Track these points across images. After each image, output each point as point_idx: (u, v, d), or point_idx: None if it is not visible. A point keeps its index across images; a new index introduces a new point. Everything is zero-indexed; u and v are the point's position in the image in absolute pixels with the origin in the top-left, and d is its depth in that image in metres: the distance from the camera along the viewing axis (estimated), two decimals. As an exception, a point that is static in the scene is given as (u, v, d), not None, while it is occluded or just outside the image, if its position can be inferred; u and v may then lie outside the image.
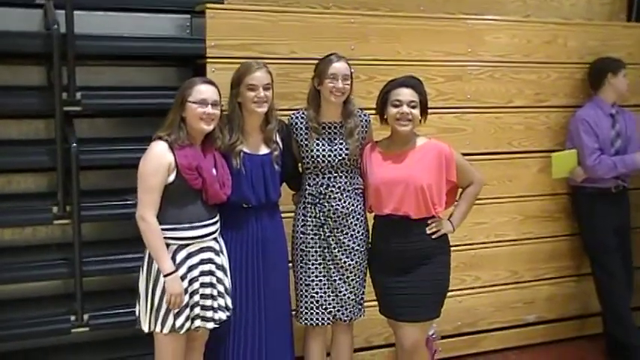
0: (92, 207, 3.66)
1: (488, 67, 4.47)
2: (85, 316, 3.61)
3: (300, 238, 3.50)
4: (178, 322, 3.04)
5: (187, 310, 3.07)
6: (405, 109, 3.30)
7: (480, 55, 4.45)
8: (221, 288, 3.18)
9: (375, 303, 3.59)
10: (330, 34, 4.02)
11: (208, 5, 3.78)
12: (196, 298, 3.09)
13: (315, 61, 3.67)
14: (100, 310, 3.67)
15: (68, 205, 3.57)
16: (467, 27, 4.41)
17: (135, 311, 3.19)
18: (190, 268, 3.07)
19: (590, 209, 4.58)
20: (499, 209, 4.52)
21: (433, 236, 3.37)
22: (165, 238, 3.02)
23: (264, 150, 3.37)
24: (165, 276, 3.00)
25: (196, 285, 3.09)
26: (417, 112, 3.33)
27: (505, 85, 4.53)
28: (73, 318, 3.59)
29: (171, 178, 3.03)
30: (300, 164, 3.57)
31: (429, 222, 3.37)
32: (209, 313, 3.13)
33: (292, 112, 3.63)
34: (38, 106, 3.67)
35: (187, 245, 3.07)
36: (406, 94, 3.32)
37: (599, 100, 4.56)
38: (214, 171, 3.15)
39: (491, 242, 4.59)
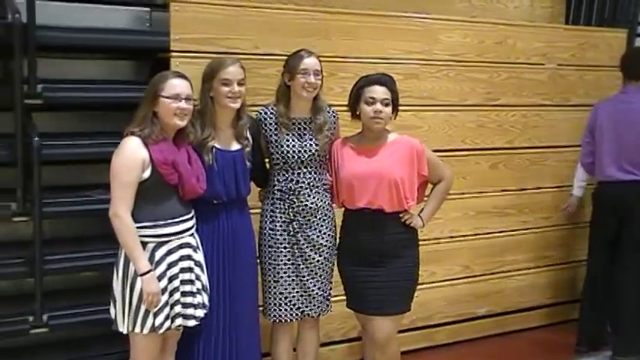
0: (53, 203, 3.54)
1: (443, 65, 4.55)
2: (44, 317, 3.49)
3: (269, 234, 3.48)
4: (158, 321, 2.97)
5: (167, 309, 3.00)
6: (379, 106, 3.32)
7: (435, 54, 4.52)
8: (199, 285, 3.13)
9: (335, 298, 3.61)
10: (292, 31, 4.01)
11: (172, -2, 3.71)
12: (177, 296, 3.03)
13: (278, 57, 3.66)
14: (60, 310, 3.56)
15: (28, 201, 3.44)
16: (422, 26, 4.47)
17: (110, 311, 3.08)
18: (170, 265, 3.01)
19: None
20: (453, 205, 4.57)
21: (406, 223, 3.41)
22: (142, 236, 2.94)
23: (235, 146, 3.34)
24: (141, 275, 2.92)
25: (177, 283, 3.02)
26: (389, 109, 3.35)
27: (459, 83, 4.63)
28: (31, 319, 3.46)
29: (147, 174, 2.95)
30: (267, 160, 3.55)
31: (401, 215, 3.41)
32: (190, 311, 3.08)
33: (256, 107, 3.59)
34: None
35: (166, 242, 3.00)
36: (380, 91, 3.34)
37: None
38: (189, 166, 3.10)
39: (446, 237, 4.68)
